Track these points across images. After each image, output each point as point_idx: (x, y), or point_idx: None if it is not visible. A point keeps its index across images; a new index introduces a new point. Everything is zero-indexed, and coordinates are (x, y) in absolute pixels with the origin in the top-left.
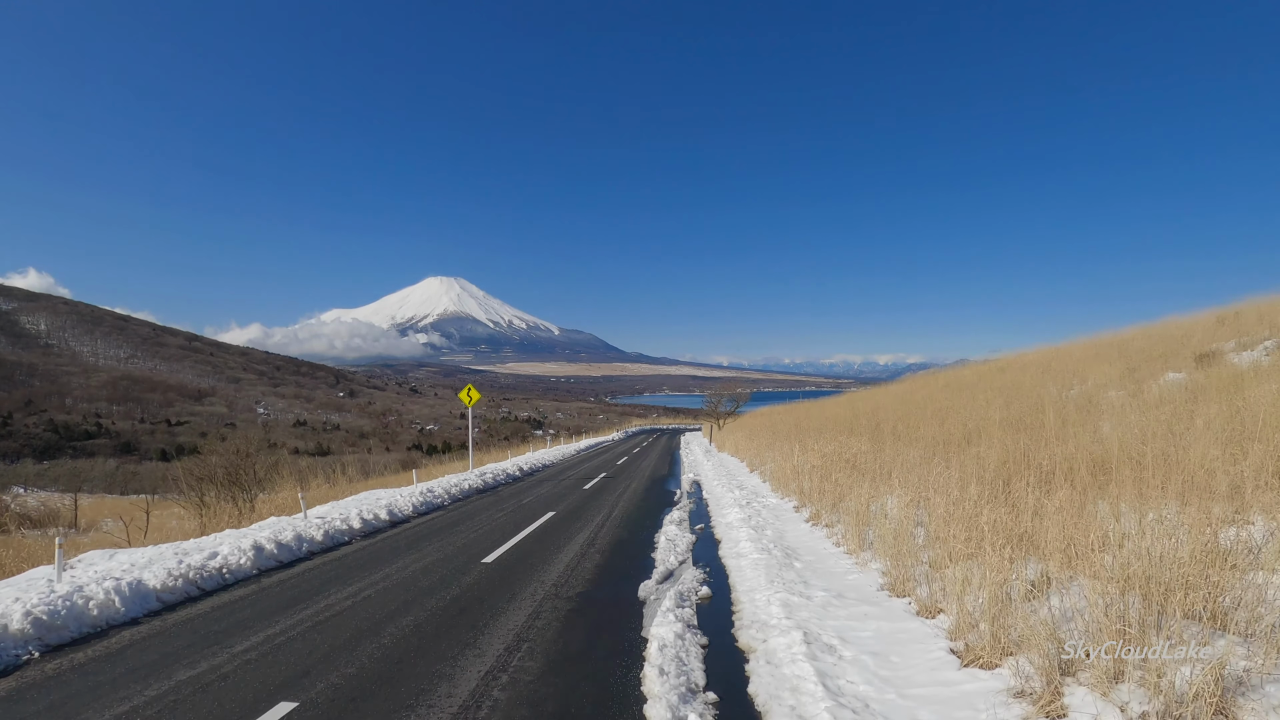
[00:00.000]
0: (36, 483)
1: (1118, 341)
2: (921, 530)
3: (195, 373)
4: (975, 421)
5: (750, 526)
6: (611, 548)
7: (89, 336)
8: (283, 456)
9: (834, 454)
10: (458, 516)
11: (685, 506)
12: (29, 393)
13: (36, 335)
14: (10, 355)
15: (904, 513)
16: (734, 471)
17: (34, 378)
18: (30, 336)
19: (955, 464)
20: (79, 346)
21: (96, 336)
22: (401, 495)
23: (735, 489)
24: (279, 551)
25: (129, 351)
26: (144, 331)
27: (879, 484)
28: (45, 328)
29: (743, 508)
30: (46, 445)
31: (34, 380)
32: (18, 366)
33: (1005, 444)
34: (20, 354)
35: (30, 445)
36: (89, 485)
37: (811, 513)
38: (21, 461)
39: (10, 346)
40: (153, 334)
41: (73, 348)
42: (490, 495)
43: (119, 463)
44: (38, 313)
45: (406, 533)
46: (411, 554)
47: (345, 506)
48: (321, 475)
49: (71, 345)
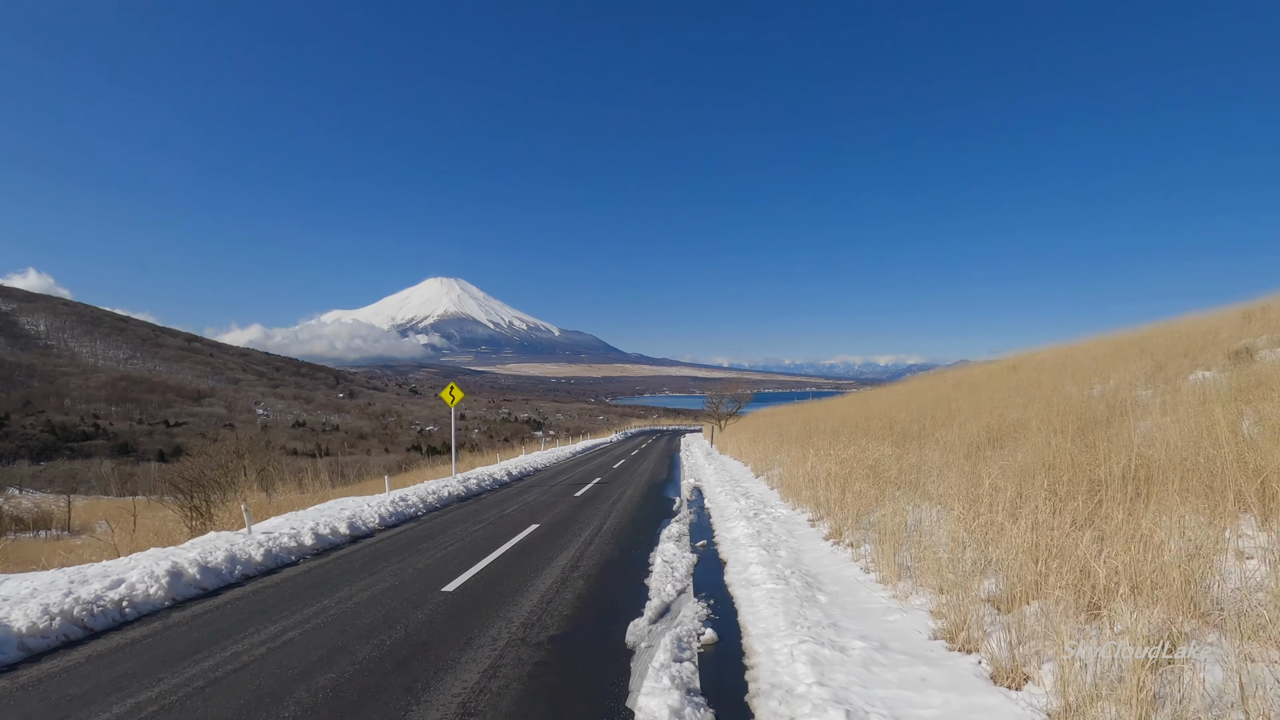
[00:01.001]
0: (33, 484)
1: (1136, 339)
2: (967, 552)
3: (194, 373)
4: (997, 422)
5: (760, 545)
6: (598, 571)
7: (88, 337)
8: (274, 458)
9: (853, 459)
10: (429, 530)
11: (685, 518)
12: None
13: (36, 336)
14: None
15: (950, 530)
16: (738, 477)
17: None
18: (29, 337)
19: (989, 469)
20: (78, 347)
21: (96, 337)
22: (370, 505)
23: (740, 497)
24: (203, 576)
25: (128, 352)
26: (143, 332)
27: (909, 494)
28: (44, 328)
29: (750, 520)
30: (44, 446)
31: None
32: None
33: (1042, 447)
34: (19, 355)
35: (27, 446)
36: (85, 487)
37: (831, 528)
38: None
39: (9, 347)
40: (152, 335)
41: (72, 348)
42: (471, 504)
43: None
44: (37, 313)
45: (365, 550)
46: (362, 579)
47: (302, 519)
48: (307, 478)
49: (71, 346)
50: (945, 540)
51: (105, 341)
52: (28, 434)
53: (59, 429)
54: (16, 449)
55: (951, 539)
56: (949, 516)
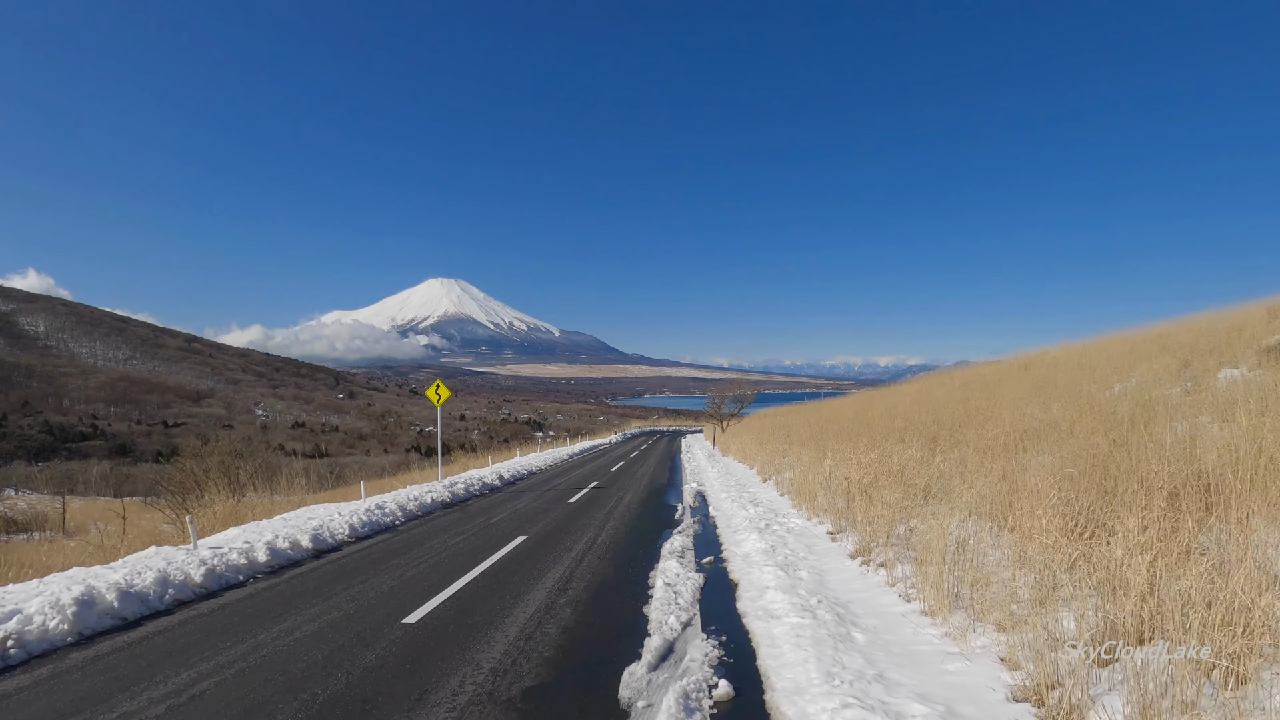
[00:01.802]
0: (29, 485)
1: (1153, 336)
2: (1028, 577)
3: (194, 374)
4: (1022, 423)
5: (776, 564)
6: (589, 596)
7: (88, 338)
8: (266, 459)
9: (878, 464)
10: (404, 542)
11: (688, 528)
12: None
13: (35, 337)
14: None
15: (1010, 551)
16: (744, 481)
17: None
18: (29, 338)
19: (1033, 476)
20: (77, 348)
21: (95, 338)
22: (341, 514)
23: (749, 504)
24: (123, 604)
25: (128, 353)
26: (143, 333)
27: (947, 506)
28: (44, 329)
29: (761, 533)
30: (41, 447)
31: (32, 382)
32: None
33: (1079, 449)
34: (18, 355)
35: (24, 447)
36: (82, 488)
37: (857, 544)
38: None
39: (8, 348)
40: (152, 335)
41: (71, 349)
42: (456, 511)
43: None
44: (36, 314)
45: (327, 568)
46: (313, 605)
47: (261, 531)
48: (282, 482)
49: (70, 347)
50: (998, 562)
51: (105, 342)
52: (25, 434)
53: (57, 429)
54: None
55: (1014, 562)
56: (1009, 534)
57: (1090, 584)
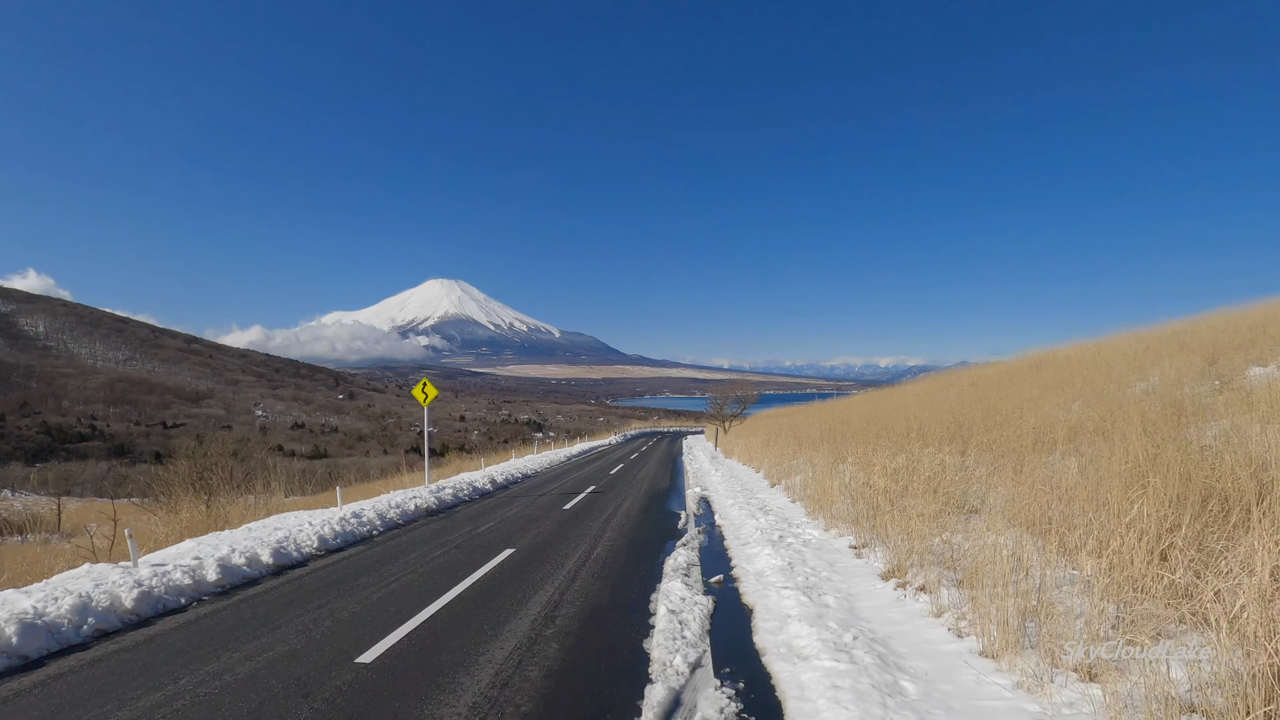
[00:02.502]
0: (25, 486)
1: (1171, 334)
2: (1104, 607)
3: (194, 375)
4: (1045, 423)
5: (797, 585)
6: (580, 627)
7: (87, 339)
8: (260, 459)
9: (906, 469)
10: (378, 556)
11: (693, 540)
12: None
13: (34, 337)
14: (7, 358)
15: (1088, 575)
16: (750, 485)
17: (31, 380)
18: (28, 338)
19: (1070, 481)
20: (77, 349)
21: (95, 339)
22: (312, 524)
23: (758, 512)
24: (24, 639)
25: (127, 354)
26: (143, 334)
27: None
28: (43, 330)
29: (775, 546)
30: (39, 448)
31: (31, 382)
32: (15, 369)
33: (1118, 453)
34: (17, 356)
35: (22, 448)
36: (79, 488)
37: (889, 562)
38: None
39: (8, 349)
40: (152, 336)
41: (71, 350)
42: (441, 520)
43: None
44: (36, 315)
45: (285, 588)
46: (257, 638)
47: (216, 545)
48: (258, 486)
49: (70, 347)
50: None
51: (104, 343)
52: (23, 435)
53: (55, 430)
54: (11, 451)
55: (1095, 591)
56: (1082, 556)
57: (1192, 621)
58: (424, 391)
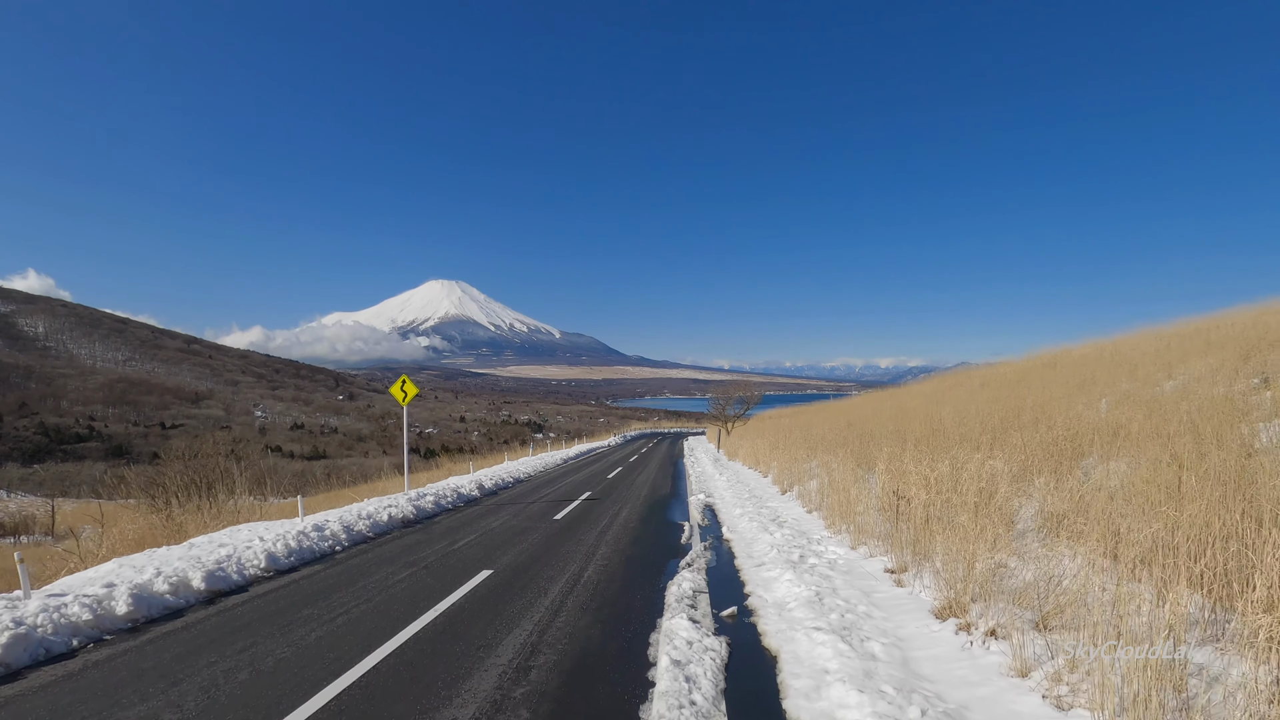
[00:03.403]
0: (21, 487)
1: (1192, 332)
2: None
3: (193, 375)
4: (1078, 425)
5: (831, 626)
6: (560, 687)
7: (87, 339)
8: (253, 460)
9: (949, 478)
10: (334, 579)
11: (699, 558)
12: (23, 395)
13: (34, 338)
14: (6, 358)
15: None
16: (759, 492)
17: (30, 380)
18: (28, 339)
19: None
20: (76, 349)
21: (95, 339)
22: (264, 539)
23: (771, 524)
24: None
25: (127, 354)
26: (143, 334)
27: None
28: (43, 330)
29: (795, 568)
30: (36, 448)
31: (30, 383)
32: (14, 369)
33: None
34: (17, 356)
35: (19, 448)
36: (76, 490)
37: (942, 596)
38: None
39: (7, 349)
40: (151, 336)
41: (70, 350)
42: (416, 532)
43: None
44: (36, 315)
45: (210, 623)
46: (146, 698)
47: (141, 565)
48: (218, 492)
49: (69, 348)
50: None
51: (104, 343)
52: (21, 436)
53: (53, 431)
54: (9, 451)
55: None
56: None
57: None
58: (403, 389)
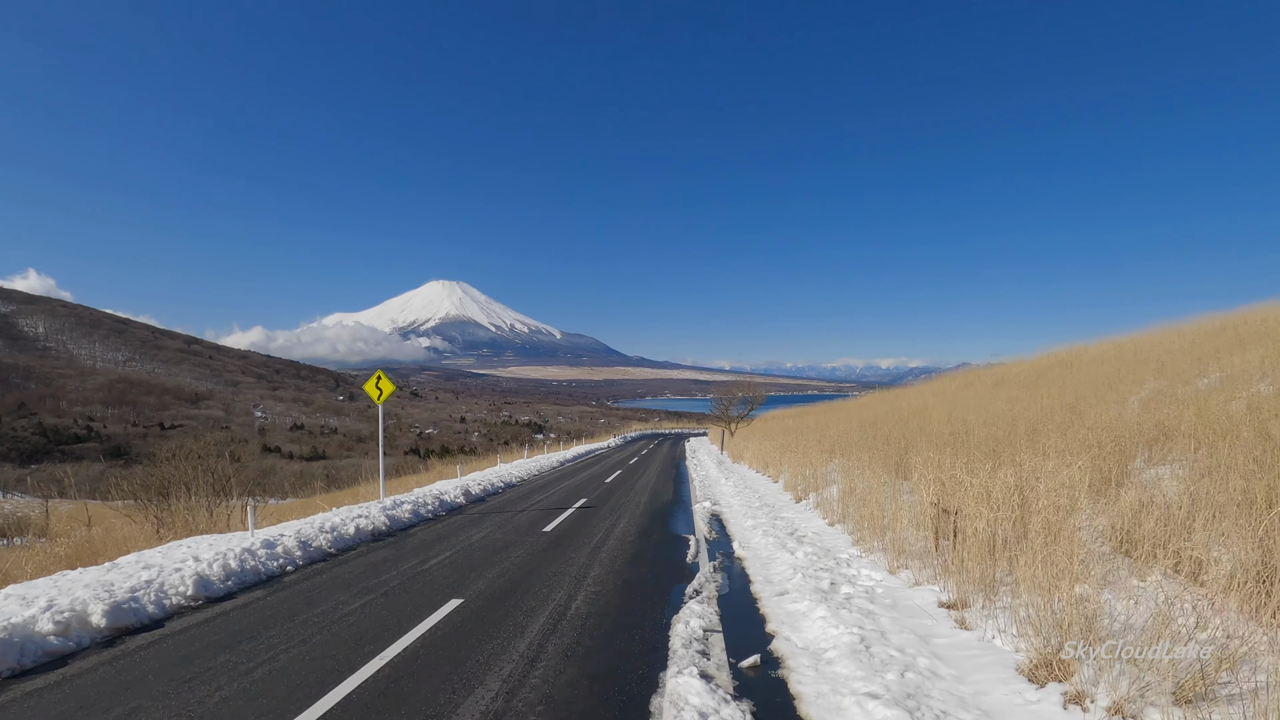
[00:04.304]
0: (17, 488)
1: (1219, 328)
2: None
3: (193, 376)
4: (1118, 426)
5: (890, 693)
6: None
7: (87, 339)
8: (245, 462)
9: (1016, 490)
10: (273, 609)
11: (708, 584)
12: (22, 396)
13: (34, 338)
14: (6, 359)
15: None
16: (771, 500)
17: (29, 381)
18: (28, 339)
19: None
20: (76, 349)
21: (95, 339)
22: (201, 559)
23: (789, 539)
24: None
25: (127, 354)
26: (143, 334)
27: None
28: (43, 330)
29: (827, 599)
30: (34, 449)
31: (29, 383)
32: (13, 369)
33: None
34: (16, 357)
35: (17, 449)
36: (73, 490)
37: (1033, 651)
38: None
39: (7, 349)
40: (152, 337)
41: (70, 350)
42: (386, 547)
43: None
44: (36, 315)
45: (95, 675)
46: None
47: (32, 596)
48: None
49: (69, 348)
50: None
51: (104, 344)
52: (19, 437)
53: (50, 432)
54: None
55: None
56: None
57: None
58: (378, 386)
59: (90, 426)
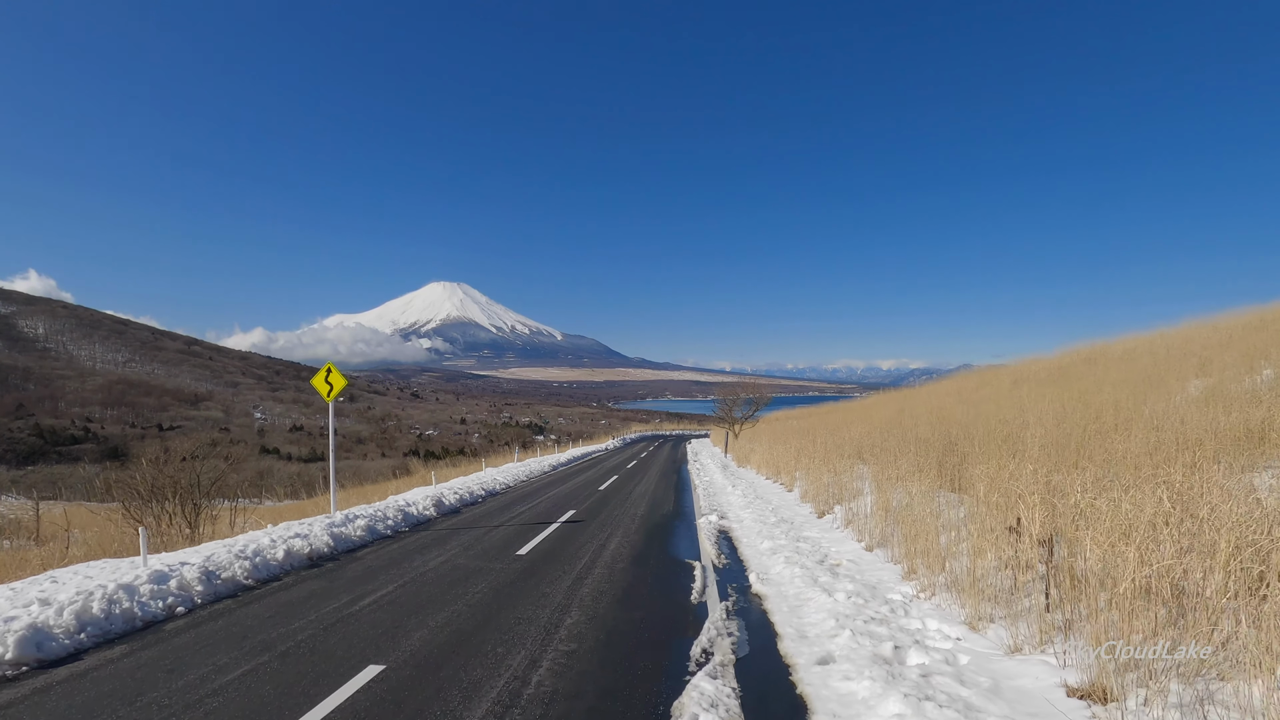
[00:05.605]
0: (13, 490)
1: (1257, 322)
2: None
3: (193, 377)
4: (1186, 430)
5: None
6: None
7: (87, 340)
8: (238, 464)
9: (1174, 524)
10: (122, 680)
11: (721, 640)
12: (20, 397)
13: (34, 339)
14: (5, 359)
15: None
16: (787, 514)
17: (28, 382)
18: (27, 340)
19: None
20: (76, 350)
21: (95, 340)
22: (58, 598)
23: (819, 568)
24: None
25: (127, 355)
26: (143, 335)
27: None
28: (43, 331)
29: (893, 674)
30: (30, 450)
31: (28, 384)
32: (12, 370)
33: None
34: (16, 358)
35: (13, 450)
36: (69, 492)
37: None
38: None
39: (6, 350)
40: (152, 338)
41: (70, 352)
42: (319, 576)
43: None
44: (36, 316)
45: None
46: None
47: None
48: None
49: (69, 349)
50: None
51: (104, 345)
52: (15, 438)
53: (47, 433)
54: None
55: None
56: None
57: None
58: (327, 381)
59: (88, 428)
